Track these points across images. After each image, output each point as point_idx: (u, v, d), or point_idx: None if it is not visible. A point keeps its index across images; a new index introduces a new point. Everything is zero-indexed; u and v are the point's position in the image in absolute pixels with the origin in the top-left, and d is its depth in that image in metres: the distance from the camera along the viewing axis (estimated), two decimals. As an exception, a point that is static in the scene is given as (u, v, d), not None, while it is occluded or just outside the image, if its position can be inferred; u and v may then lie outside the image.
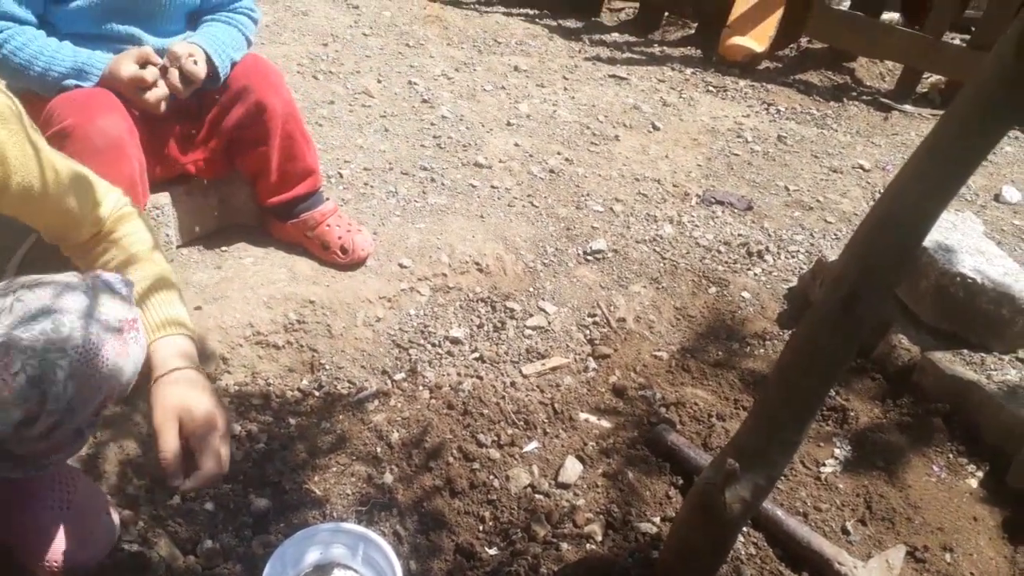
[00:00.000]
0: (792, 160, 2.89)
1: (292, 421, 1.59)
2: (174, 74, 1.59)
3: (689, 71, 3.65)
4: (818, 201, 2.61)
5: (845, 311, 1.02)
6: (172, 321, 1.12)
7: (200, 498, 1.37)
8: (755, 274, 2.18)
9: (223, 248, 1.89)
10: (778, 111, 3.34)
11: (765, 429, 1.13)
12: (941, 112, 3.54)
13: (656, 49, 3.91)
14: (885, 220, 0.98)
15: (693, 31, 4.13)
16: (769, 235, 2.38)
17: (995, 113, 0.87)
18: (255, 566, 1.28)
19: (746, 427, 1.16)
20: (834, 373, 1.09)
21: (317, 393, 1.66)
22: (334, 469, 1.50)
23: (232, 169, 1.84)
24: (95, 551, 1.18)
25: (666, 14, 4.23)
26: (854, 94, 3.66)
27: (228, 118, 1.74)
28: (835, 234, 2.44)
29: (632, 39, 3.98)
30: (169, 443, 1.02)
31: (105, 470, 1.37)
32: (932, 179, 0.93)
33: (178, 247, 1.86)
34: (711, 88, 3.49)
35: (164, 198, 1.80)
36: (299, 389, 1.67)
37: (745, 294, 2.11)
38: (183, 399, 1.05)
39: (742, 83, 3.55)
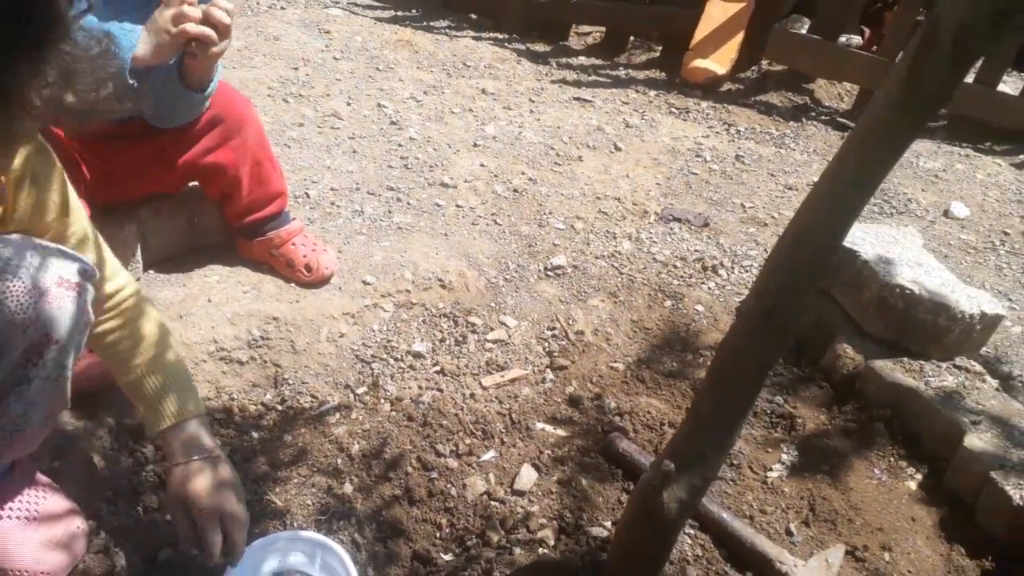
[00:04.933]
0: (749, 179, 2.98)
1: (255, 435, 1.63)
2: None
3: (653, 93, 3.76)
4: (772, 217, 2.70)
5: (766, 320, 1.09)
6: (180, 409, 1.25)
7: (161, 509, 1.41)
8: (709, 288, 2.26)
9: (190, 267, 1.93)
10: (738, 131, 3.44)
11: (699, 432, 1.19)
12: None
13: (622, 72, 4.02)
14: (800, 235, 1.05)
15: (658, 54, 4.25)
16: (724, 250, 2.46)
17: (891, 130, 0.95)
18: (215, 574, 1.31)
19: (682, 431, 1.22)
20: (760, 377, 1.16)
21: (280, 407, 1.71)
22: (295, 480, 1.54)
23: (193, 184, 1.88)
24: (63, 559, 1.21)
25: (632, 38, 4.35)
26: (813, 114, 3.78)
27: (197, 145, 1.76)
28: (789, 249, 2.52)
29: (599, 62, 4.09)
30: (182, 529, 1.22)
31: (69, 482, 1.40)
32: (841, 193, 1.01)
33: (145, 268, 1.90)
34: (674, 109, 3.59)
35: (130, 218, 1.84)
36: (262, 403, 1.71)
37: (699, 307, 2.18)
38: (190, 490, 1.21)
39: (704, 104, 3.66)
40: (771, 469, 1.70)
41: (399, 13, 4.20)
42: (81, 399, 1.49)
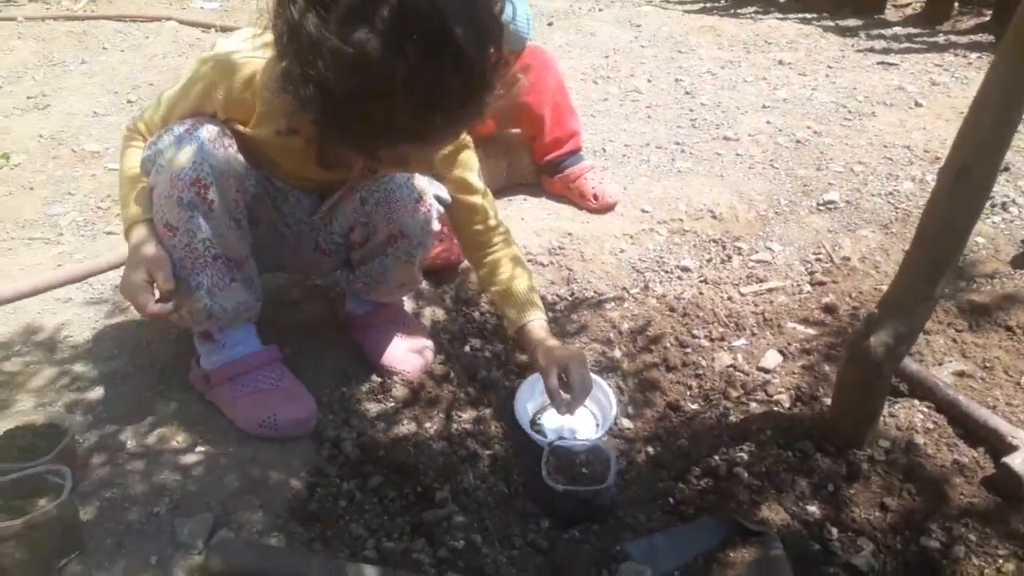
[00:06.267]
0: (1074, 125, 2.75)
1: (551, 314, 2.07)
2: None
3: (974, 56, 3.57)
4: (1094, 161, 2.49)
5: (958, 181, 1.24)
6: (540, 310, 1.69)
7: (482, 349, 1.92)
8: (993, 222, 2.22)
9: (509, 197, 2.48)
10: (1075, 83, 3.14)
11: (903, 285, 1.36)
12: None
13: (940, 38, 3.86)
14: (979, 105, 1.20)
15: (988, 18, 3.97)
16: (1021, 191, 2.36)
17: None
18: (513, 390, 1.77)
19: (891, 287, 1.39)
20: (959, 235, 1.30)
21: (570, 298, 2.14)
22: (578, 344, 1.96)
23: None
24: (419, 362, 1.76)
25: (956, 4, 4.12)
26: None
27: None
28: (1108, 190, 2.33)
29: (915, 31, 3.97)
30: (552, 385, 1.58)
31: (424, 323, 1.98)
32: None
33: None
34: (996, 67, 3.38)
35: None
36: (557, 295, 2.16)
37: (979, 239, 2.17)
38: (557, 360, 1.60)
39: (1035, 59, 3.38)
40: (1030, 375, 1.70)
41: (707, 4, 4.51)
42: (433, 275, 2.08)
